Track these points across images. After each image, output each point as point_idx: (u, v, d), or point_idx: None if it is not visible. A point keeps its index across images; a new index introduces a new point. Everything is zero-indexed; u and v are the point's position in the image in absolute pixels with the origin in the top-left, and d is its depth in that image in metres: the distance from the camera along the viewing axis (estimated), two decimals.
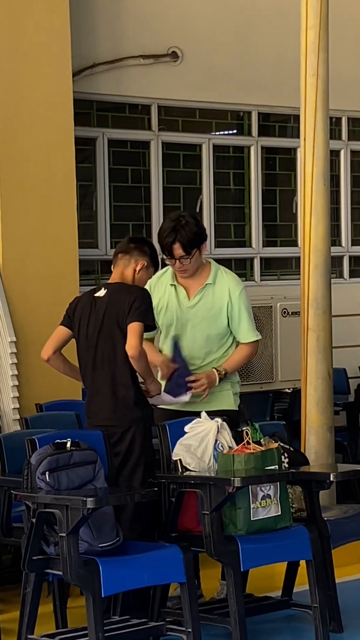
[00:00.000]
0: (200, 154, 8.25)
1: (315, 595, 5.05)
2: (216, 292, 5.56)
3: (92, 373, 5.22)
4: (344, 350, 8.06)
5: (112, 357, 5.15)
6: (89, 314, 5.23)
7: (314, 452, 6.20)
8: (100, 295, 5.26)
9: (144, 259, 5.28)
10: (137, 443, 5.10)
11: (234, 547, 4.85)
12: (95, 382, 5.21)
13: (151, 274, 5.36)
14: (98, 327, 5.18)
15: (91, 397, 5.26)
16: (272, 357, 7.87)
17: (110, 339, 5.15)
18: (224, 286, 5.57)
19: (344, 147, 8.97)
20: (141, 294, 5.18)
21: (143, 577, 4.72)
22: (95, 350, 5.19)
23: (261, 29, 8.34)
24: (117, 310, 5.14)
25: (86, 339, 5.23)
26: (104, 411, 5.17)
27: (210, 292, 5.56)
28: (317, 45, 6.27)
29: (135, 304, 5.11)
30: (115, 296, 5.19)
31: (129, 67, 7.77)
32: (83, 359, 5.27)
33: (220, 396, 5.57)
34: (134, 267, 5.28)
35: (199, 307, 5.55)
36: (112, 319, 5.14)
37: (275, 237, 8.70)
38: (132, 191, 7.97)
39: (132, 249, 5.30)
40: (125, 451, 5.10)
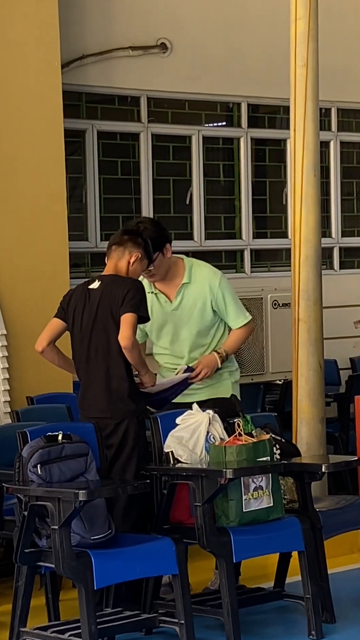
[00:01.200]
0: (189, 146, 8.23)
1: (308, 587, 5.06)
2: (195, 288, 5.56)
3: (86, 365, 5.21)
4: (335, 341, 8.06)
5: (106, 349, 5.14)
6: (83, 306, 5.22)
7: (306, 443, 6.21)
8: (94, 287, 5.24)
9: (137, 250, 5.27)
10: (131, 435, 5.10)
11: (226, 538, 4.86)
12: (90, 374, 5.20)
13: (145, 265, 5.34)
14: (92, 319, 5.17)
15: (85, 389, 5.24)
16: (263, 349, 7.87)
17: (104, 331, 5.14)
18: (202, 281, 5.58)
19: (333, 138, 8.96)
20: (134, 285, 5.17)
21: (135, 569, 4.72)
22: (90, 342, 5.18)
23: (250, 20, 8.32)
24: (111, 302, 5.12)
25: (80, 331, 5.22)
26: (98, 403, 5.16)
27: (189, 290, 5.57)
28: (307, 36, 6.26)
29: (128, 295, 5.10)
30: (109, 288, 5.17)
31: (118, 59, 7.74)
32: (77, 351, 5.26)
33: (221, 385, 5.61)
34: (128, 259, 5.26)
35: (182, 307, 5.57)
36: (105, 310, 5.13)
37: (265, 229, 8.69)
38: (121, 183, 7.95)
39: (125, 241, 5.29)
40: (118, 443, 5.09)
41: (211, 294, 5.56)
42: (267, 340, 7.89)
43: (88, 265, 7.75)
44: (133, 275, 5.27)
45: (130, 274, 5.26)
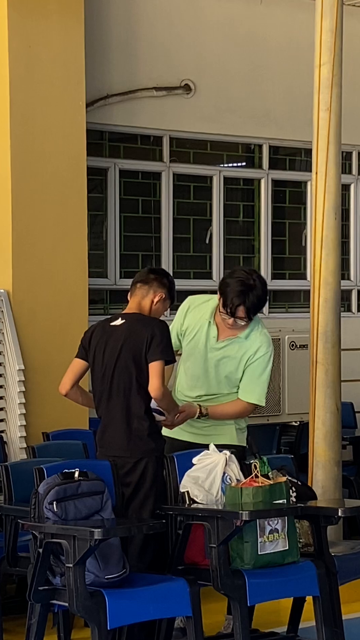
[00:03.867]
0: (210, 186, 8.28)
1: (322, 632, 5.01)
2: (244, 345, 5.51)
3: (107, 403, 5.21)
4: (351, 383, 8.05)
5: (128, 388, 5.15)
6: (105, 344, 5.23)
7: (321, 486, 6.18)
8: (117, 324, 5.25)
9: (162, 290, 5.28)
10: (149, 474, 5.09)
11: (241, 581, 4.82)
12: (110, 412, 5.20)
13: (167, 306, 5.35)
14: (115, 357, 5.18)
15: (104, 427, 5.24)
16: (280, 389, 7.86)
17: (126, 369, 5.14)
18: (254, 342, 5.52)
19: (354, 182, 9.00)
20: (160, 327, 5.16)
21: (149, 610, 4.69)
22: (112, 380, 5.19)
23: (273, 63, 8.40)
24: (136, 342, 5.13)
25: (102, 369, 5.23)
26: (118, 442, 5.16)
27: (237, 344, 5.52)
28: (331, 81, 6.31)
29: (155, 339, 5.10)
30: (133, 327, 5.18)
31: (142, 99, 7.82)
32: (98, 388, 5.26)
33: (224, 430, 5.56)
34: (152, 299, 5.28)
35: (222, 352, 5.52)
36: (130, 350, 5.14)
37: (284, 270, 8.71)
38: (142, 221, 8.00)
39: (151, 280, 5.30)
40: (136, 482, 5.09)
41: (253, 355, 5.49)
42: (284, 381, 7.88)
43: (107, 302, 7.78)
44: (155, 315, 5.28)
45: (153, 313, 5.28)
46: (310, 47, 6.46)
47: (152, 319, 5.23)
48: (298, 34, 8.18)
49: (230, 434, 5.56)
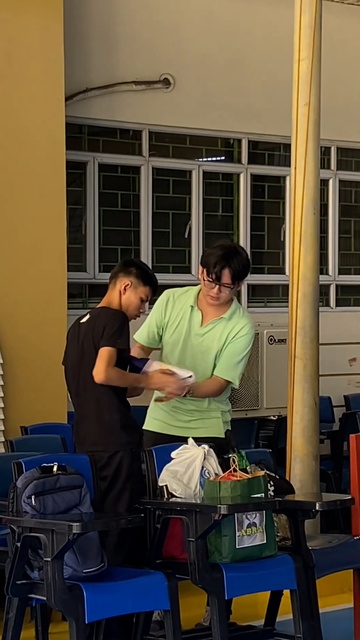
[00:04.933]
0: (189, 180, 8.29)
1: (299, 625, 5.03)
2: (228, 326, 5.50)
3: (78, 399, 5.22)
4: (329, 378, 8.08)
5: (94, 382, 5.14)
6: (73, 341, 5.25)
7: (299, 480, 6.20)
8: (84, 321, 5.27)
9: (127, 278, 5.25)
10: (124, 467, 5.09)
11: (219, 575, 4.83)
12: (81, 408, 5.21)
13: (142, 293, 5.26)
14: (80, 353, 5.19)
15: (78, 423, 5.25)
16: (258, 384, 7.88)
17: (90, 364, 5.14)
18: (238, 322, 5.51)
19: (332, 177, 9.02)
20: (115, 317, 5.13)
21: (127, 604, 4.70)
22: (79, 377, 5.19)
23: (253, 58, 8.40)
24: (94, 335, 5.13)
25: (71, 366, 5.24)
26: (91, 436, 5.16)
27: (221, 326, 5.51)
28: (310, 76, 6.33)
29: (107, 327, 5.08)
30: (93, 321, 5.19)
31: (122, 93, 7.81)
32: (70, 386, 5.27)
33: (209, 423, 5.56)
34: (119, 289, 5.27)
35: (205, 337, 5.51)
36: (91, 344, 5.14)
37: (263, 265, 8.72)
38: (121, 215, 7.99)
39: (116, 273, 5.30)
40: (112, 476, 5.09)
41: (235, 335, 5.48)
42: (262, 376, 7.90)
43: (85, 296, 7.77)
44: (129, 304, 5.25)
45: (124, 303, 5.26)
46: (290, 42, 6.47)
47: (109, 310, 5.19)
48: (278, 28, 8.19)
49: (218, 427, 5.56)
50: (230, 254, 5.42)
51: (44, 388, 6.86)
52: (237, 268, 5.42)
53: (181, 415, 5.51)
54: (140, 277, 5.27)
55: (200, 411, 5.52)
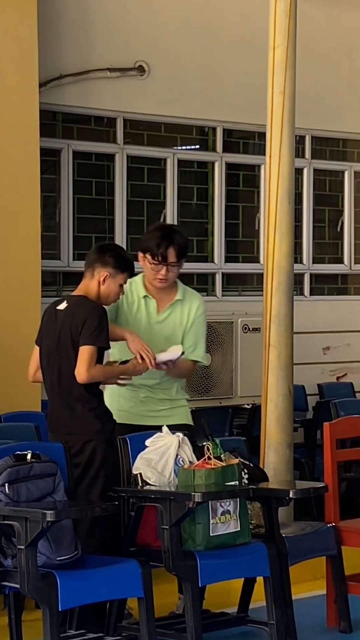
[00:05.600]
0: (164, 168, 8.27)
1: (272, 612, 5.05)
2: (185, 307, 5.55)
3: (52, 388, 5.21)
4: (303, 367, 8.10)
5: (69, 373, 5.13)
6: (50, 328, 5.22)
7: (273, 468, 6.22)
8: (61, 308, 5.23)
9: (106, 269, 5.23)
10: (98, 455, 5.09)
11: (193, 562, 4.84)
12: (55, 397, 5.19)
13: (121, 279, 5.25)
14: (56, 341, 5.17)
15: (51, 412, 5.24)
16: (232, 372, 7.89)
17: (66, 354, 5.12)
18: (192, 301, 5.58)
19: (307, 166, 9.03)
20: (94, 312, 5.11)
21: (101, 592, 4.70)
22: (54, 365, 5.18)
23: (228, 46, 8.39)
24: (72, 327, 5.11)
25: (47, 353, 5.22)
26: (65, 425, 5.16)
27: (179, 308, 5.55)
28: (285, 64, 6.32)
29: (87, 323, 5.07)
30: (73, 311, 5.16)
31: (96, 80, 7.78)
32: (45, 373, 5.25)
33: (180, 411, 5.59)
34: (98, 280, 5.25)
35: (166, 323, 5.54)
36: (67, 334, 5.12)
37: (237, 253, 8.73)
38: (95, 203, 7.96)
39: (93, 262, 5.26)
40: (85, 463, 5.09)
41: (194, 318, 5.54)
42: (237, 364, 7.91)
43: (59, 284, 7.74)
44: (108, 294, 5.24)
45: (103, 293, 5.24)
46: (265, 30, 6.46)
47: (89, 303, 5.17)
48: (253, 16, 8.17)
49: (186, 414, 5.60)
50: (170, 233, 5.50)
51: (18, 376, 6.82)
52: (181, 244, 5.48)
53: (152, 405, 5.52)
54: (118, 266, 5.25)
55: (170, 400, 5.56)
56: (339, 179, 9.28)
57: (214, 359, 7.74)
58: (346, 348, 9.03)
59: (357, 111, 9.14)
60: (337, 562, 5.47)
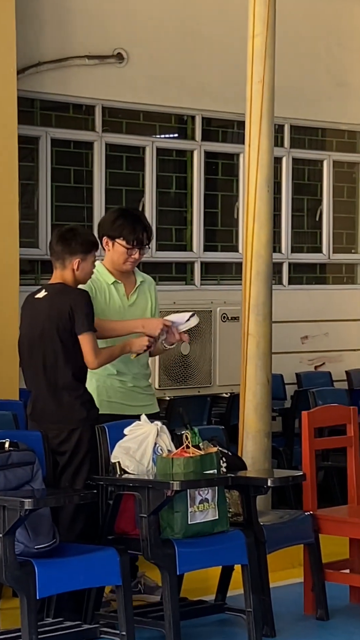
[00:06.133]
0: (143, 157, 8.25)
1: (250, 600, 5.08)
2: (146, 291, 5.67)
3: (35, 377, 5.19)
4: (281, 356, 8.12)
5: (54, 362, 5.12)
6: (30, 317, 5.20)
7: (251, 457, 6.23)
8: (40, 297, 5.22)
9: (76, 257, 5.22)
10: (84, 443, 5.11)
11: (171, 550, 4.86)
12: (39, 386, 5.18)
13: (92, 258, 5.27)
14: (39, 330, 5.15)
15: (34, 401, 5.23)
16: (211, 361, 7.89)
17: (51, 343, 5.12)
18: (150, 285, 5.72)
19: (286, 155, 9.03)
20: (80, 298, 5.13)
21: (79, 580, 4.71)
22: (37, 354, 5.16)
23: (207, 34, 8.37)
24: (58, 315, 5.10)
25: (29, 343, 5.20)
26: (48, 415, 5.15)
27: (144, 289, 5.67)
28: (264, 53, 6.31)
29: (77, 311, 5.08)
30: (55, 299, 5.15)
31: (74, 67, 7.74)
32: (25, 362, 5.23)
33: (153, 399, 5.67)
34: (71, 268, 5.24)
35: (136, 305, 5.61)
36: (53, 323, 5.12)
37: (216, 242, 8.73)
38: (74, 191, 7.93)
39: (60, 253, 5.23)
40: (71, 451, 5.10)
41: (152, 298, 5.69)
42: (215, 353, 7.91)
43: (38, 272, 7.71)
44: (84, 276, 5.25)
45: (79, 277, 5.24)
46: (244, 18, 6.45)
47: (73, 290, 5.18)
48: (232, 4, 8.16)
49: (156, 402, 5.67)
50: (139, 217, 5.66)
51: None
52: (150, 227, 5.64)
53: (138, 394, 5.55)
54: (87, 249, 5.25)
55: (149, 386, 5.65)
56: (317, 168, 9.29)
57: (192, 347, 7.74)
58: (324, 337, 9.06)
59: (336, 101, 9.15)
60: (315, 550, 5.50)
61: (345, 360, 9.05)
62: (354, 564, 5.71)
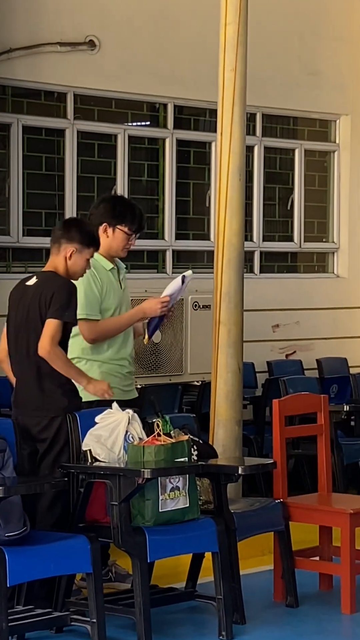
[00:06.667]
0: (115, 144, 8.23)
1: (220, 587, 5.09)
2: (120, 268, 5.75)
3: (20, 363, 5.19)
4: (252, 344, 8.14)
5: (37, 349, 5.11)
6: (18, 303, 5.20)
7: (222, 445, 6.25)
8: (30, 284, 5.22)
9: (72, 245, 5.22)
10: (64, 431, 5.11)
11: (142, 538, 4.86)
12: (23, 373, 5.18)
13: (88, 254, 5.25)
14: (25, 317, 5.15)
15: (18, 387, 5.23)
16: (182, 349, 7.90)
17: (34, 330, 5.11)
18: (123, 269, 5.78)
19: (257, 143, 9.04)
20: (64, 287, 5.12)
21: (50, 567, 4.71)
22: (22, 340, 5.16)
23: (180, 23, 8.35)
24: (41, 301, 5.10)
25: (14, 329, 5.20)
26: (31, 402, 5.15)
27: (121, 269, 5.74)
28: (236, 41, 6.31)
29: (55, 297, 5.07)
30: (42, 286, 5.15)
31: (46, 54, 7.70)
32: (11, 348, 5.23)
33: (133, 384, 5.71)
34: (64, 256, 5.23)
35: (125, 291, 5.70)
36: (36, 310, 5.12)
37: (187, 230, 8.73)
38: (45, 179, 7.91)
39: (59, 237, 5.25)
40: (51, 438, 5.11)
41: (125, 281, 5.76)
42: (187, 341, 7.92)
43: (9, 260, 7.68)
44: (75, 269, 5.23)
45: (70, 269, 5.22)
46: (217, 7, 6.44)
47: (59, 279, 5.17)
48: None
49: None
50: (134, 204, 5.72)
51: None
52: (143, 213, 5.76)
53: (129, 378, 5.65)
54: (84, 242, 5.23)
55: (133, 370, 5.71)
56: (289, 156, 9.30)
57: (164, 336, 7.75)
58: (295, 326, 9.09)
59: (308, 89, 9.16)
60: (285, 537, 5.52)
61: (316, 349, 9.09)
62: (323, 551, 5.75)
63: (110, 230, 5.56)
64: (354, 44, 9.37)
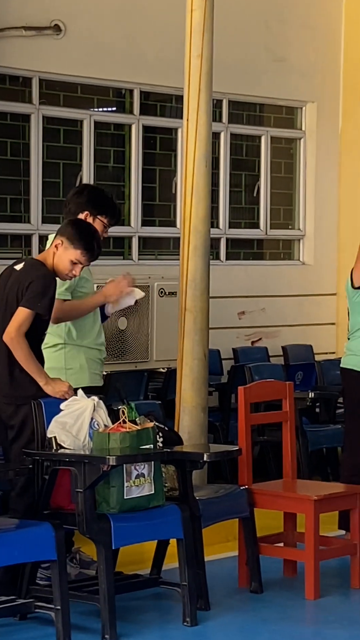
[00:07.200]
0: (81, 130, 8.19)
1: (185, 574, 5.10)
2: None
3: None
4: (218, 331, 8.15)
5: None
6: (4, 287, 5.17)
7: (187, 432, 6.26)
8: (17, 268, 5.20)
9: (61, 237, 5.18)
10: (30, 419, 5.08)
11: (106, 525, 4.86)
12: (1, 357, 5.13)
13: (72, 255, 5.15)
14: (4, 301, 5.13)
15: None
16: (148, 336, 7.89)
17: (9, 315, 5.08)
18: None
19: (224, 130, 9.03)
20: (41, 277, 5.07)
21: (14, 554, 4.69)
22: (2, 324, 5.12)
23: (146, 7, 8.31)
24: (19, 289, 5.08)
25: None
26: (3, 387, 5.13)
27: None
28: (202, 27, 6.30)
29: (31, 286, 5.04)
30: (24, 273, 5.13)
31: (11, 38, 7.64)
32: None
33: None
34: (55, 245, 5.20)
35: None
36: (14, 296, 5.10)
37: (154, 217, 8.71)
38: (11, 164, 7.85)
39: (58, 230, 5.25)
40: (19, 425, 5.09)
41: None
42: (152, 328, 7.91)
43: None
44: (59, 263, 5.16)
45: (55, 262, 5.17)
46: None
47: (40, 268, 5.13)
48: None
49: None
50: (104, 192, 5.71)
51: None
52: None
53: (102, 365, 5.64)
54: (72, 239, 5.16)
55: None
56: (255, 143, 9.30)
57: (129, 322, 7.73)
58: (261, 313, 9.11)
59: (274, 76, 9.16)
60: (250, 524, 5.54)
61: (282, 336, 9.11)
62: (287, 537, 5.77)
63: (91, 219, 5.53)
64: (320, 31, 9.37)
